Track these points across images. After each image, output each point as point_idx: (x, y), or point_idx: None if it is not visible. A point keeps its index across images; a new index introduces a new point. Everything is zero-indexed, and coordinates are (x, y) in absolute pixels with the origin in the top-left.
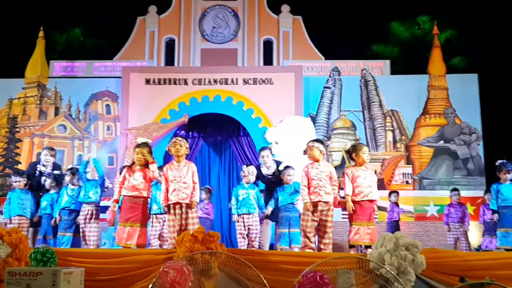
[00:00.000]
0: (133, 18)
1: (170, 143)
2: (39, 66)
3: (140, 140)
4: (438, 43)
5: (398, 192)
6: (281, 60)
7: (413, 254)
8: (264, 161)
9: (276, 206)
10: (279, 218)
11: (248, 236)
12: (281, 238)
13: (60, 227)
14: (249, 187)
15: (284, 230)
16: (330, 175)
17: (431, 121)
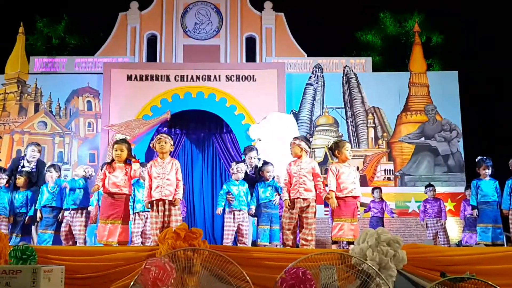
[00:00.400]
0: (115, 14)
1: (155, 140)
2: (19, 62)
3: (119, 137)
4: (419, 40)
5: (381, 189)
6: (263, 57)
7: (395, 249)
8: (250, 162)
9: (257, 203)
10: (260, 214)
11: (239, 232)
12: (262, 235)
13: (41, 224)
14: (239, 183)
15: (265, 226)
16: (312, 171)
17: (412, 118)
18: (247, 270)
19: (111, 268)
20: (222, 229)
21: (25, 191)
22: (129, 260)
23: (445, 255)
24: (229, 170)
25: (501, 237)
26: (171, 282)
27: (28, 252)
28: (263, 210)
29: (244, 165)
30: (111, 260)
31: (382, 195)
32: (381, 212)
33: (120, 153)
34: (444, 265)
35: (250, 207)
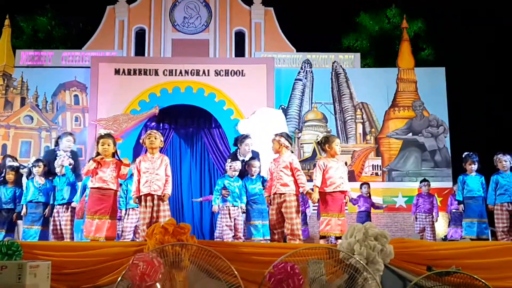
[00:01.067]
0: (103, 7)
1: (145, 135)
2: (4, 55)
3: (103, 132)
4: (407, 36)
5: (369, 184)
6: (253, 52)
7: (382, 244)
8: (246, 150)
9: (246, 199)
10: (251, 210)
11: (235, 227)
12: (255, 230)
13: (27, 220)
14: (234, 179)
15: (257, 222)
16: (289, 166)
17: (400, 114)
18: (236, 265)
19: (98, 264)
20: (210, 224)
21: (13, 187)
22: (117, 256)
23: (432, 250)
24: (218, 165)
25: (486, 232)
26: (159, 277)
27: (13, 247)
28: (254, 206)
29: (240, 164)
30: (98, 256)
31: (369, 191)
32: (369, 208)
33: (107, 147)
34: (430, 259)
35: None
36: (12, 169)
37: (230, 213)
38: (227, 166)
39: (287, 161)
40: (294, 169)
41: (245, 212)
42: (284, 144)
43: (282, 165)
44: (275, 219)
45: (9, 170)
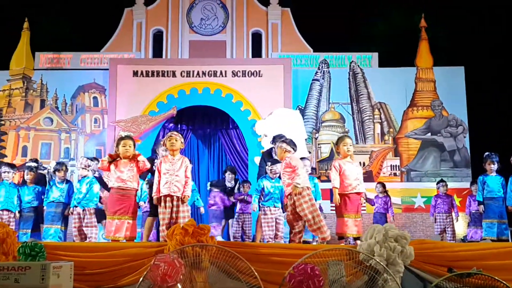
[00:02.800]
0: (121, 9)
1: (166, 137)
2: (24, 58)
3: (123, 134)
4: (426, 35)
5: (383, 184)
6: (269, 52)
7: (402, 245)
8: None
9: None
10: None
11: (276, 228)
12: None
13: (47, 219)
14: (275, 181)
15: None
16: (289, 165)
17: (419, 114)
18: (255, 266)
19: (119, 264)
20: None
21: (34, 186)
22: (137, 256)
23: (452, 251)
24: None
25: (506, 233)
26: (180, 278)
27: (37, 248)
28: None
29: (279, 166)
30: (119, 256)
31: (386, 190)
32: (385, 208)
33: (128, 148)
34: (451, 260)
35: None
36: (31, 169)
37: (271, 214)
38: (268, 169)
39: (285, 162)
40: (293, 167)
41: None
42: (286, 149)
43: (283, 166)
44: (292, 219)
45: (27, 171)
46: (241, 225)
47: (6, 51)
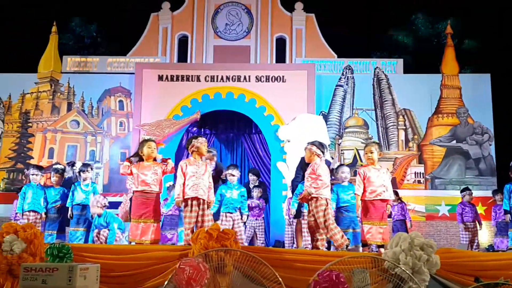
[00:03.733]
0: (147, 14)
1: (195, 140)
2: (52, 61)
3: (147, 137)
4: (452, 42)
5: (397, 191)
6: (293, 58)
7: (428, 254)
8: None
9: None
10: (341, 217)
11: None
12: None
13: (73, 222)
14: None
15: (348, 230)
16: (313, 172)
17: (444, 121)
18: (279, 272)
19: (144, 267)
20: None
21: (60, 188)
22: (163, 259)
23: (479, 260)
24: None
25: None
26: (205, 282)
27: (64, 250)
28: (345, 213)
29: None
30: (144, 259)
31: (400, 197)
32: (402, 215)
33: (153, 150)
34: (477, 270)
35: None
36: (57, 171)
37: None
38: (339, 174)
39: (312, 166)
40: (318, 175)
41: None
42: (315, 152)
43: (309, 171)
44: (313, 225)
45: (54, 173)
46: (254, 230)
47: (35, 54)
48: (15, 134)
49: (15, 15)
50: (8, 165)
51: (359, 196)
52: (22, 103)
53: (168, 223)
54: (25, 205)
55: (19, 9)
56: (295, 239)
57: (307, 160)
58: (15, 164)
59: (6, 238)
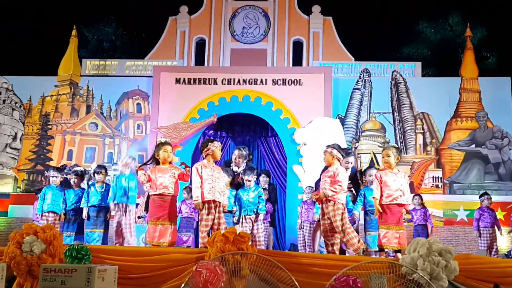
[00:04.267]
0: (165, 18)
1: (211, 144)
2: (71, 64)
3: (163, 139)
4: (471, 45)
5: (421, 196)
6: (310, 61)
7: (446, 259)
8: (346, 167)
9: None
10: (368, 220)
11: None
12: (372, 241)
13: (90, 223)
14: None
15: (375, 232)
16: (333, 176)
17: (463, 125)
18: (295, 276)
19: (161, 269)
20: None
21: (79, 190)
22: (179, 262)
23: (498, 267)
24: (274, 174)
25: None
26: (222, 286)
27: (83, 251)
28: (372, 216)
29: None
30: (161, 261)
31: (423, 202)
32: (424, 220)
33: (169, 153)
34: (497, 276)
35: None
36: (76, 173)
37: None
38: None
39: (332, 170)
40: (337, 181)
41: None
42: (336, 156)
43: (328, 174)
44: (329, 229)
45: (73, 175)
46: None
47: (55, 57)
48: (35, 136)
49: (36, 19)
50: (28, 166)
51: (377, 200)
52: (42, 106)
53: (184, 226)
54: (45, 206)
55: (39, 14)
56: (313, 241)
57: (327, 164)
58: (35, 166)
59: (26, 239)
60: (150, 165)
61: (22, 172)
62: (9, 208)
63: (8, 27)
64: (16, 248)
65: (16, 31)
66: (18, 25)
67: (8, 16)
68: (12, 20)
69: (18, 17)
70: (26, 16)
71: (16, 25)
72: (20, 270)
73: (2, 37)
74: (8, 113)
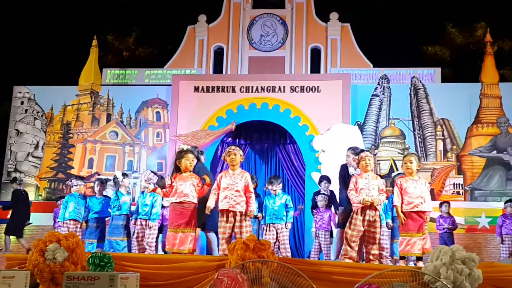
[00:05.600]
0: (184, 27)
1: (225, 153)
2: (92, 74)
3: (185, 147)
4: (491, 50)
5: (449, 203)
6: (328, 68)
7: (470, 268)
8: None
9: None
10: (395, 227)
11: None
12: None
13: (112, 232)
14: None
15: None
16: (379, 185)
17: (484, 131)
18: (317, 284)
19: (182, 277)
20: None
21: (102, 198)
22: (200, 269)
23: None
24: (293, 181)
25: None
26: None
27: (105, 259)
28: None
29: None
30: (182, 269)
31: (449, 210)
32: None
33: (192, 162)
34: None
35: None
36: (101, 181)
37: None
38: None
39: (378, 180)
40: (380, 188)
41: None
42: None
43: (375, 182)
44: (371, 236)
45: (98, 183)
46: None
47: (76, 67)
48: (57, 145)
49: (57, 30)
50: (50, 175)
51: (398, 208)
52: (63, 115)
53: None
54: (66, 214)
55: (60, 26)
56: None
57: (363, 169)
58: (56, 174)
59: (49, 246)
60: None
61: (43, 180)
62: (31, 216)
63: (30, 38)
64: (39, 256)
65: (37, 42)
66: (39, 36)
67: (30, 27)
68: (34, 32)
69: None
70: (47, 28)
71: (38, 36)
72: (43, 277)
73: (25, 48)
74: (31, 122)
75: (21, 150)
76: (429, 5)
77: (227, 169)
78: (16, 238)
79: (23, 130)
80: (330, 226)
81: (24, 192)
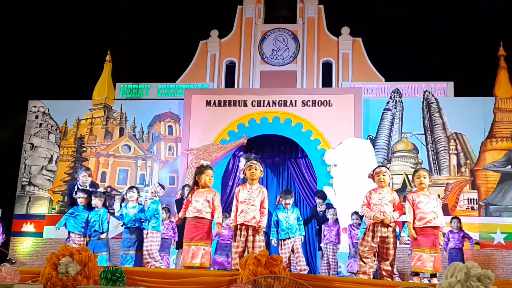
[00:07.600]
0: (196, 42)
1: (246, 166)
2: (105, 88)
3: (205, 163)
4: (505, 64)
5: (459, 218)
6: (340, 82)
7: (485, 285)
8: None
9: None
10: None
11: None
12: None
13: (123, 245)
14: None
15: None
16: (393, 201)
17: (498, 145)
18: None
19: None
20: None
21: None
22: (211, 284)
23: None
24: (304, 195)
25: None
26: None
27: (118, 273)
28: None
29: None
30: (194, 284)
31: (461, 226)
32: (461, 243)
33: (211, 178)
34: None
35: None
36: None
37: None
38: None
39: (392, 196)
40: (396, 204)
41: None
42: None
43: (387, 198)
44: (385, 252)
45: (104, 195)
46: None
47: (90, 82)
48: (70, 158)
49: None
50: (63, 188)
51: (410, 224)
52: (77, 129)
53: (220, 248)
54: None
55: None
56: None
57: (380, 184)
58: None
59: (62, 260)
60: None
61: (57, 193)
62: (44, 229)
63: (44, 54)
64: (52, 269)
65: (52, 57)
66: (54, 51)
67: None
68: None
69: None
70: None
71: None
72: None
73: (39, 63)
74: (45, 136)
75: (35, 164)
76: (442, 19)
77: (245, 183)
78: None
79: (37, 144)
80: (338, 240)
81: None
